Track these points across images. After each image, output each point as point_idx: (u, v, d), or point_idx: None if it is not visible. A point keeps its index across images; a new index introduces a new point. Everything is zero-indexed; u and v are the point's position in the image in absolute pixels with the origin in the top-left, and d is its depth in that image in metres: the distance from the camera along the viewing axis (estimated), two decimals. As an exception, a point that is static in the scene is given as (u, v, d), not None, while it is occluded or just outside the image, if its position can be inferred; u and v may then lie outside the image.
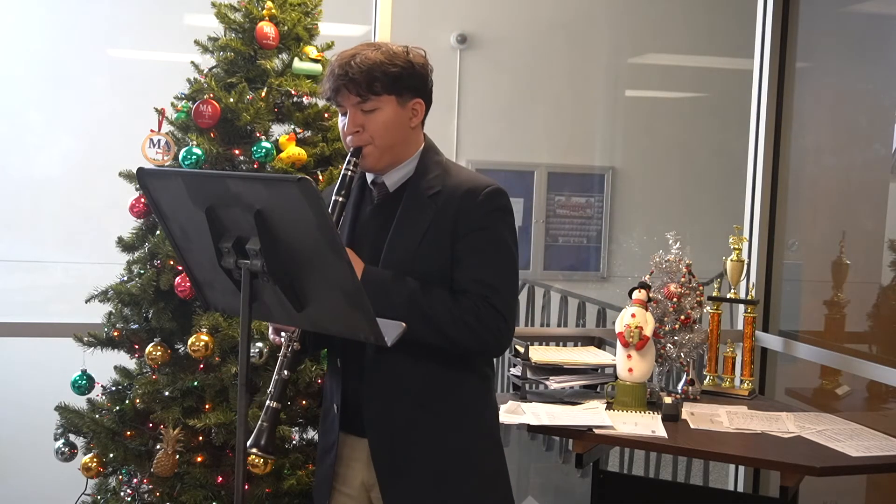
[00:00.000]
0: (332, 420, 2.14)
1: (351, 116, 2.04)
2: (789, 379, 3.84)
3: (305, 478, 2.61)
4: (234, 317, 2.56)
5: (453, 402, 2.07)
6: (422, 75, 2.07)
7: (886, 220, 3.32)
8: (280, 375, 2.01)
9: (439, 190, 2.04)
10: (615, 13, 6.80)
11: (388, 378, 2.03)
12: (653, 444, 2.64)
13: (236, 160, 2.75)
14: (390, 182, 2.10)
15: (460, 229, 2.01)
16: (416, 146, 2.11)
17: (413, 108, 2.06)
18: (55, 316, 4.39)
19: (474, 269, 2.00)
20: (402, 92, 2.03)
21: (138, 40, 5.27)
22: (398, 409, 2.04)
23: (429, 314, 1.94)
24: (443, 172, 2.08)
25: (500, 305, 1.99)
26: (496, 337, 2.00)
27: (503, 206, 2.05)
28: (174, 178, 1.79)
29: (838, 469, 2.51)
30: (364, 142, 2.03)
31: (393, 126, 2.03)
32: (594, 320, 5.70)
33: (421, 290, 1.96)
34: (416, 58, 2.06)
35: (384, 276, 1.98)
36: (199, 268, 1.88)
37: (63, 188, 5.12)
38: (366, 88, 1.99)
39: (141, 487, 2.70)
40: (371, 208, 2.12)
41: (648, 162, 6.95)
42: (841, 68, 3.79)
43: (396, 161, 2.08)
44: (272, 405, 1.97)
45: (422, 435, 2.04)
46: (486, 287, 1.99)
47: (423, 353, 2.00)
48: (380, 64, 1.99)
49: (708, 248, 3.91)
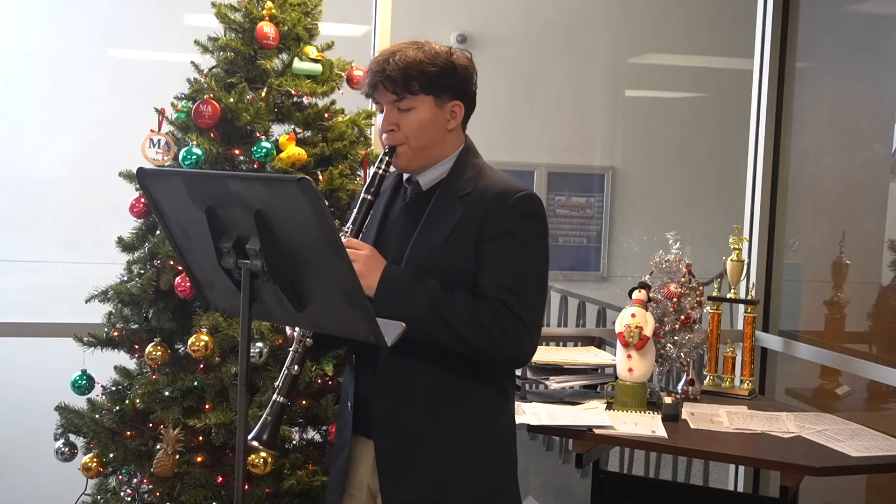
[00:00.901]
0: (347, 418, 2.10)
1: (386, 114, 2.01)
2: (789, 379, 3.84)
3: (305, 478, 2.61)
4: (234, 317, 2.56)
5: (463, 412, 2.00)
6: (463, 77, 2.02)
7: (886, 220, 3.32)
8: (290, 370, 1.97)
9: (470, 191, 1.99)
10: (615, 13, 6.80)
11: (399, 380, 1.99)
12: (653, 444, 2.64)
13: (236, 160, 2.75)
14: (424, 181, 2.06)
15: (486, 232, 1.95)
16: (453, 147, 2.06)
17: (451, 110, 2.02)
18: (55, 316, 4.39)
19: (498, 274, 1.94)
20: (440, 93, 1.99)
21: (138, 40, 5.27)
22: (406, 413, 1.99)
23: (447, 316, 1.89)
24: (476, 174, 2.03)
25: (523, 313, 1.92)
26: (516, 345, 1.92)
27: (534, 213, 2.00)
28: (174, 178, 1.79)
29: (838, 469, 2.51)
30: (398, 141, 2.00)
31: (428, 126, 2.00)
32: (594, 320, 5.71)
33: (442, 291, 1.91)
34: (459, 59, 2.02)
35: (405, 275, 1.94)
36: (199, 268, 1.88)
37: (63, 188, 5.11)
38: (402, 87, 1.96)
39: (141, 487, 2.70)
40: (402, 206, 2.09)
41: (648, 162, 6.95)
42: (841, 68, 3.79)
43: (430, 162, 2.04)
44: (279, 399, 1.95)
45: (429, 442, 1.99)
46: (509, 293, 1.92)
47: (436, 358, 1.95)
48: (418, 63, 1.96)
49: (708, 248, 3.91)
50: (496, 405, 2.06)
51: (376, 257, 1.95)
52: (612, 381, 2.90)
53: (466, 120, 2.09)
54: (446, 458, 1.99)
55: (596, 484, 3.10)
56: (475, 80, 2.07)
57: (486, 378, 2.02)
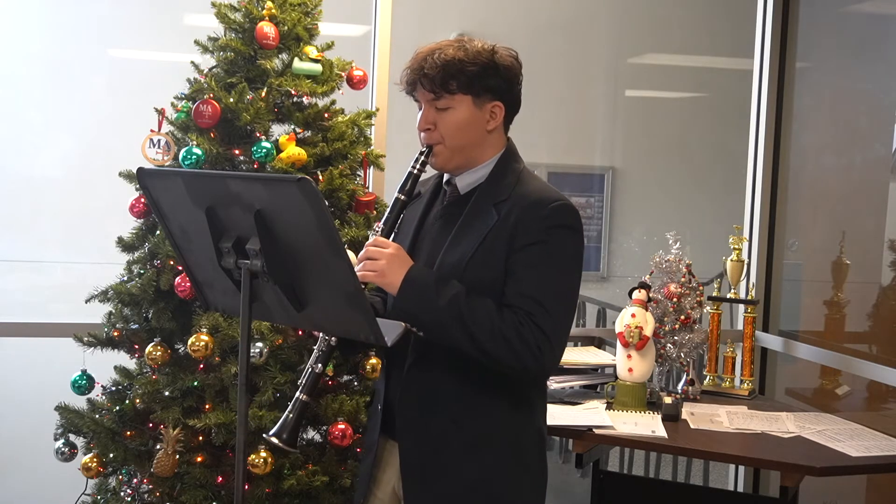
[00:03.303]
0: (376, 420, 2.09)
1: (424, 113, 1.98)
2: (789, 379, 3.84)
3: (305, 478, 2.61)
4: (234, 317, 2.56)
5: (484, 424, 1.95)
6: (506, 77, 1.97)
7: (886, 220, 3.32)
8: (313, 368, 1.95)
9: (506, 198, 1.94)
10: (615, 13, 6.80)
11: (424, 387, 1.97)
12: (653, 444, 2.64)
13: (236, 160, 2.75)
14: (462, 184, 2.02)
15: (517, 241, 1.90)
16: (493, 150, 2.01)
17: (491, 111, 1.97)
18: (55, 316, 4.39)
19: (525, 283, 1.88)
20: (479, 92, 1.94)
21: (138, 40, 5.26)
22: (430, 420, 1.96)
23: (468, 322, 1.83)
24: (515, 181, 1.98)
25: (546, 325, 1.85)
26: (535, 357, 1.84)
27: (569, 224, 1.93)
28: (174, 178, 1.79)
29: (838, 469, 2.51)
30: (435, 140, 1.97)
31: (466, 127, 1.95)
32: (594, 320, 5.71)
33: (466, 296, 1.86)
34: (502, 59, 1.96)
35: (430, 277, 1.90)
36: (199, 268, 1.88)
37: (63, 188, 5.10)
38: (440, 85, 1.92)
39: (141, 487, 2.70)
40: (439, 209, 2.06)
41: (648, 162, 6.95)
42: (841, 68, 3.79)
43: (469, 163, 2.00)
44: (301, 398, 1.92)
45: (451, 450, 1.95)
46: (533, 304, 1.86)
47: (461, 367, 1.91)
48: (458, 62, 1.91)
49: (708, 248, 3.91)
50: (521, 421, 2.00)
51: (402, 256, 1.92)
52: (612, 381, 2.90)
53: (509, 121, 2.04)
54: (468, 469, 1.95)
55: (596, 484, 3.10)
56: (520, 80, 2.02)
57: (511, 392, 1.97)
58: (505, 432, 1.98)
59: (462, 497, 1.96)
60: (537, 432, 2.04)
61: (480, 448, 1.96)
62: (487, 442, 1.96)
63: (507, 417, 1.98)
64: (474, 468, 1.95)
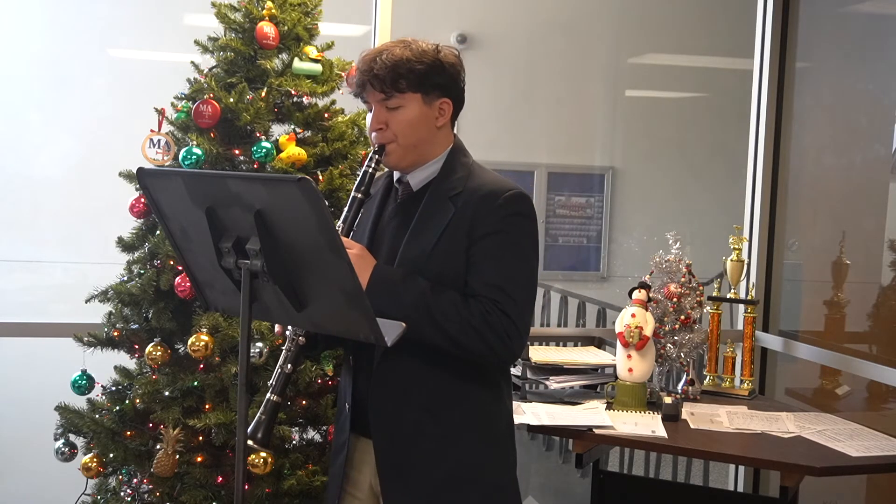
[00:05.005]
0: (345, 419, 2.11)
1: (375, 113, 2.03)
2: (789, 379, 3.84)
3: (305, 478, 2.61)
4: (234, 317, 2.56)
5: (461, 411, 2.01)
6: (451, 74, 2.03)
7: (886, 220, 3.32)
8: (283, 369, 1.99)
9: (460, 191, 2.00)
10: (615, 13, 6.80)
11: (396, 380, 2.00)
12: (653, 444, 2.64)
13: (236, 160, 2.75)
14: (414, 181, 2.07)
15: (476, 232, 1.96)
16: (442, 146, 2.07)
17: (440, 108, 2.03)
18: (55, 316, 4.39)
19: (487, 273, 1.95)
20: (428, 90, 2.00)
21: (138, 40, 5.27)
22: (404, 413, 2.00)
23: (436, 315, 1.90)
24: (467, 174, 2.04)
25: (512, 311, 1.92)
26: (504, 343, 1.92)
27: (523, 212, 2.00)
28: (174, 178, 1.79)
29: (838, 469, 2.51)
30: (387, 139, 2.01)
31: (417, 124, 2.01)
32: (594, 320, 5.71)
33: (431, 290, 1.92)
34: (446, 56, 2.02)
35: (394, 275, 1.95)
36: (199, 268, 1.88)
37: (63, 188, 5.11)
38: (390, 85, 1.97)
39: (141, 487, 2.70)
40: (394, 207, 2.10)
41: (648, 162, 6.95)
42: (841, 68, 3.79)
43: (421, 160, 2.05)
44: (272, 398, 1.96)
45: (427, 441, 2.00)
46: (498, 291, 1.93)
47: (432, 357, 1.96)
48: (405, 61, 1.96)
49: (708, 248, 3.91)
50: (492, 404, 2.07)
51: (366, 256, 1.96)
52: (612, 381, 2.90)
53: (455, 118, 2.09)
54: (445, 457, 2.00)
55: (596, 484, 3.10)
56: (463, 78, 2.08)
57: (481, 377, 2.03)
58: (479, 418, 2.04)
59: (441, 485, 2.00)
60: (508, 415, 2.12)
61: (456, 435, 2.01)
62: (463, 429, 2.01)
63: (479, 404, 2.04)
64: (451, 454, 2.00)
